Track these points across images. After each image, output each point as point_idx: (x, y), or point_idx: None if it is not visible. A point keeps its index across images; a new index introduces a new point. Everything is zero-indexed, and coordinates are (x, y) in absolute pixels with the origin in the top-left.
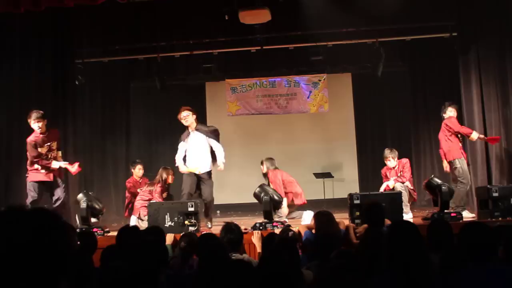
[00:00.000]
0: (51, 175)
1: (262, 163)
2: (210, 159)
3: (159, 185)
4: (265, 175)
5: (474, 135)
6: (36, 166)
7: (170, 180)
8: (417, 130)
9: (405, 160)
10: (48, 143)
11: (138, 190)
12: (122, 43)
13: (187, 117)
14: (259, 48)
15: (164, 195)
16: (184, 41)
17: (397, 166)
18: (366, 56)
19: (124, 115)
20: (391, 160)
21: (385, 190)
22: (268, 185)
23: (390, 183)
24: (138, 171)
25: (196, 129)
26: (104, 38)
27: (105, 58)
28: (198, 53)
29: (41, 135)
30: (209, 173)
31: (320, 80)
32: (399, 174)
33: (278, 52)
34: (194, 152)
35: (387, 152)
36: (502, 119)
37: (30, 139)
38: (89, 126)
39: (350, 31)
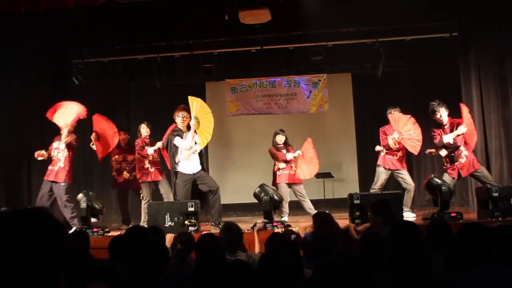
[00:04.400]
0: (57, 175)
1: (282, 133)
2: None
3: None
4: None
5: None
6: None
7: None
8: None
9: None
10: (58, 141)
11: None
12: (122, 43)
13: (185, 119)
14: (259, 48)
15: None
16: (184, 41)
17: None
18: (366, 56)
19: (124, 115)
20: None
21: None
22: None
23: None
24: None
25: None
26: (104, 38)
27: (105, 58)
28: (198, 53)
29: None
30: (202, 168)
31: (320, 80)
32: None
33: (278, 52)
34: (189, 152)
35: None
36: (501, 119)
37: None
38: (89, 126)
39: (350, 31)
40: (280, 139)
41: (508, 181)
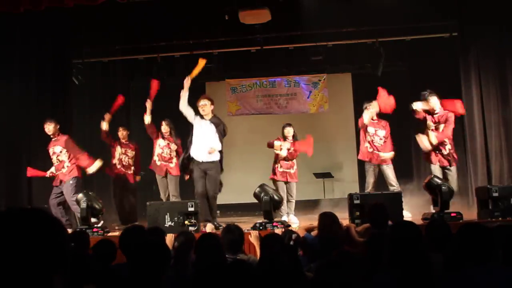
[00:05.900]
0: (58, 180)
1: (289, 126)
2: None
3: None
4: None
5: None
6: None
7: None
8: (417, 130)
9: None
10: (53, 147)
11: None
12: (122, 43)
13: (205, 107)
14: (259, 48)
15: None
16: (184, 41)
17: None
18: (366, 56)
19: (124, 115)
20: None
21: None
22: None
23: None
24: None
25: (210, 119)
26: (104, 38)
27: (105, 58)
28: (198, 53)
29: (51, 139)
30: (214, 163)
31: (320, 80)
32: None
33: (278, 52)
34: (201, 138)
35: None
36: (501, 119)
37: None
38: (89, 126)
39: (350, 31)
40: (289, 131)
41: (508, 181)
